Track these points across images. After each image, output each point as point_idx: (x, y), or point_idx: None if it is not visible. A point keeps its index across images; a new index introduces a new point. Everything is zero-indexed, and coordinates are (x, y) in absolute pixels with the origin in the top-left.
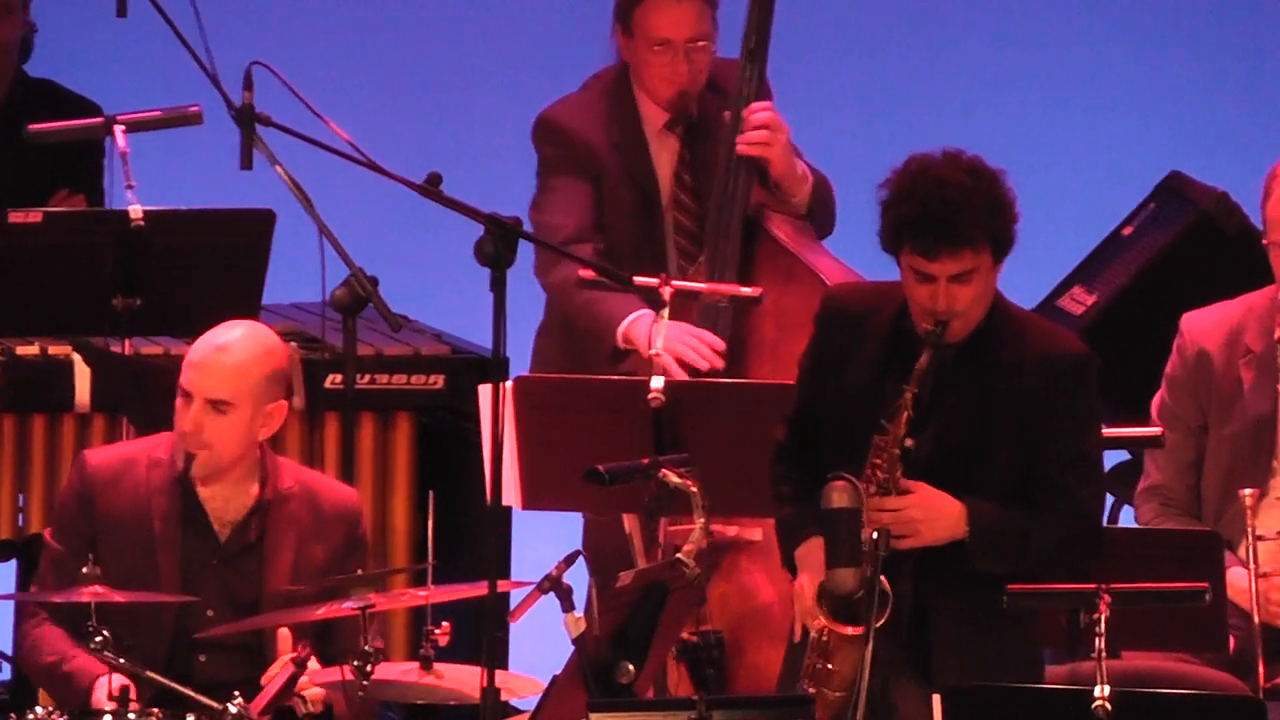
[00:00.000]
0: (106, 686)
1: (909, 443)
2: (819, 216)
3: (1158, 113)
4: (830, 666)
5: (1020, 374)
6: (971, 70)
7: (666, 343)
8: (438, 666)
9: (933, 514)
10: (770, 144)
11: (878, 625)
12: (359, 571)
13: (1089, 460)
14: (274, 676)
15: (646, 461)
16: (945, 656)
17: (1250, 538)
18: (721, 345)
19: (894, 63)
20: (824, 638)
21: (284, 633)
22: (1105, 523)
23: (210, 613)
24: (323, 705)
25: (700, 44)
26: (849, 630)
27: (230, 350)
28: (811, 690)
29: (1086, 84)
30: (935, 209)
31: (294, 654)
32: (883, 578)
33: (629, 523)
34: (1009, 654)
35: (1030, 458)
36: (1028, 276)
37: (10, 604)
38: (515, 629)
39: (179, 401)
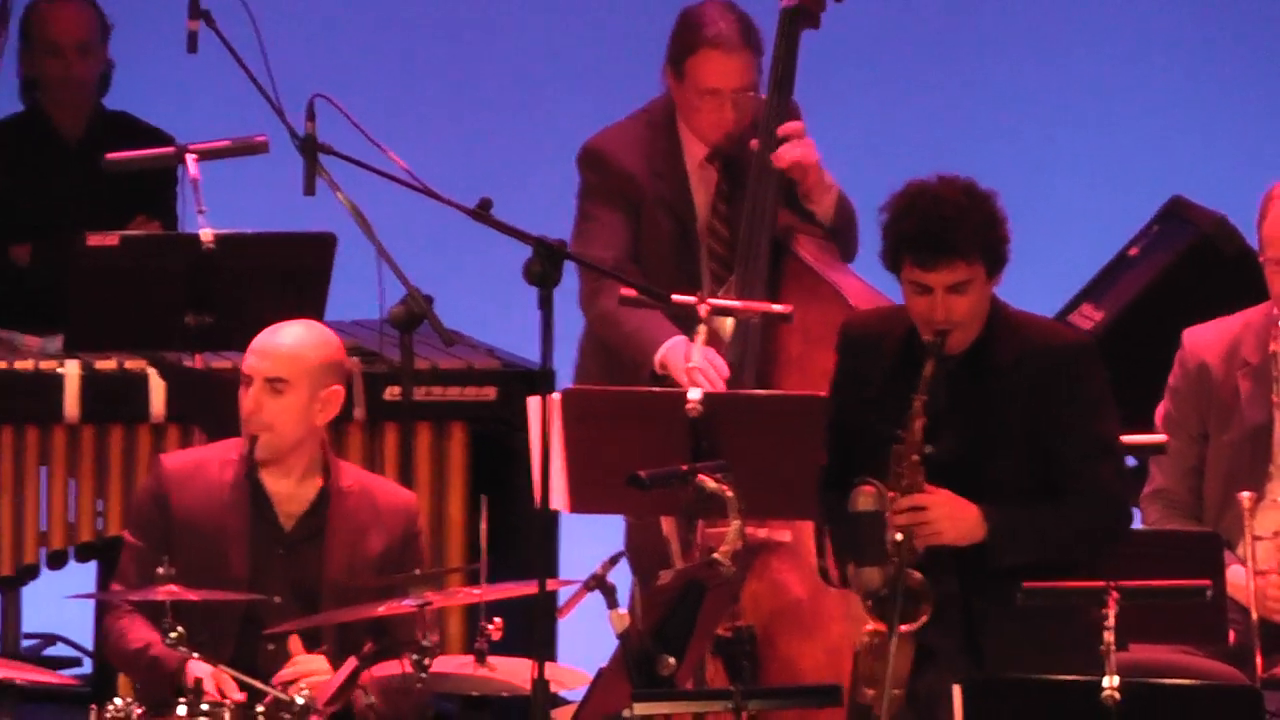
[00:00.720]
0: (198, 670)
1: (928, 449)
2: (843, 231)
3: (1162, 140)
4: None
5: (1023, 370)
6: (988, 101)
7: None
8: (491, 659)
9: (953, 514)
10: (807, 155)
11: (920, 624)
12: (416, 570)
13: (1103, 440)
14: (339, 669)
15: (684, 468)
16: (998, 648)
17: (1249, 538)
18: (726, 374)
19: (909, 91)
20: (875, 639)
21: (295, 640)
22: None
23: (277, 599)
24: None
25: (747, 94)
26: (900, 629)
27: (286, 335)
28: (870, 691)
29: (1094, 113)
30: (930, 224)
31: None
32: (917, 574)
33: (667, 525)
34: (1062, 643)
35: (1047, 449)
36: (1040, 294)
37: (91, 603)
38: (563, 624)
39: (241, 389)
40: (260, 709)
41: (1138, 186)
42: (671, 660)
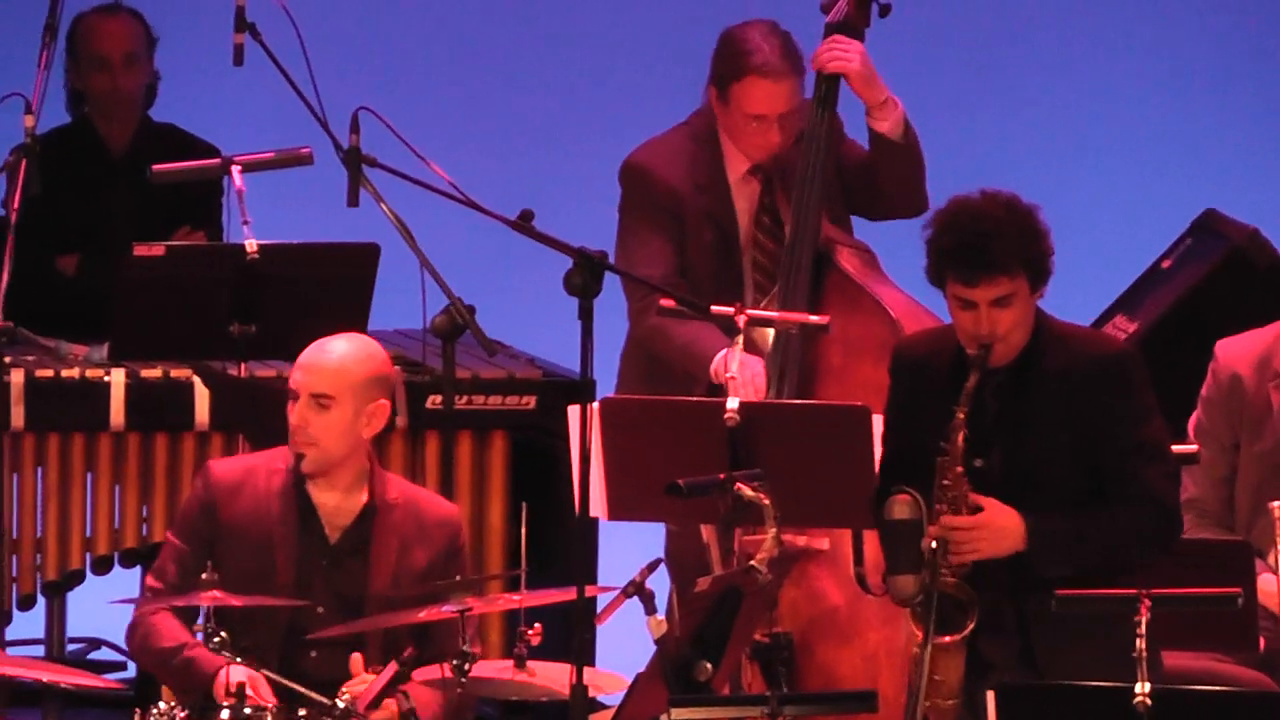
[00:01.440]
0: (227, 677)
1: (978, 462)
2: (912, 147)
3: (1195, 153)
4: (937, 677)
5: (1069, 381)
6: (1022, 114)
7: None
8: (530, 664)
9: (996, 533)
10: (848, 58)
11: (965, 633)
12: (457, 578)
13: (1151, 445)
14: (379, 675)
15: (722, 476)
16: (1051, 656)
17: (1279, 547)
18: (762, 388)
19: (946, 105)
20: (918, 649)
21: (356, 657)
22: None
23: (320, 609)
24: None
25: (792, 116)
26: (946, 640)
27: (332, 351)
28: (926, 703)
29: (1127, 126)
30: (972, 238)
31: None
32: (951, 582)
33: (706, 533)
34: (1115, 648)
35: (1096, 458)
36: (1074, 306)
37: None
38: (602, 630)
39: (289, 404)
40: (302, 713)
41: (1170, 199)
42: (709, 666)
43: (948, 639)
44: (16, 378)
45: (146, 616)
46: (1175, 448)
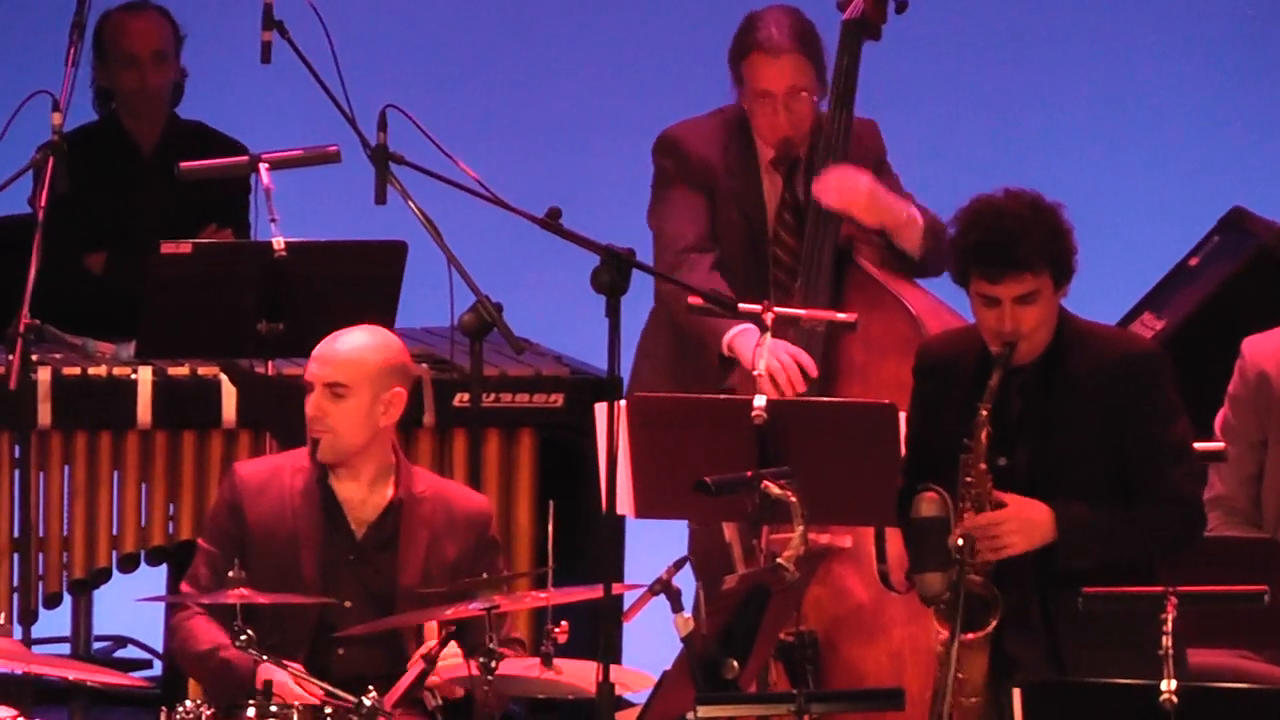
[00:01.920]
0: (271, 673)
1: (1002, 460)
2: (932, 260)
3: (1222, 151)
4: (960, 675)
5: (1095, 380)
6: (1048, 112)
7: (767, 361)
8: (557, 662)
9: (1025, 525)
10: (848, 202)
11: (988, 630)
12: (484, 575)
13: (1176, 445)
14: (405, 673)
15: (750, 474)
16: (1077, 653)
17: None
18: (812, 366)
19: (969, 102)
20: (944, 647)
21: (431, 625)
22: None
23: (348, 604)
24: (458, 695)
25: (800, 94)
26: (970, 637)
27: (346, 342)
28: (949, 701)
29: (1155, 123)
30: (996, 236)
31: (434, 641)
32: (977, 579)
33: (729, 531)
34: (1141, 645)
35: (1121, 457)
36: (1102, 303)
37: (161, 606)
38: (629, 628)
39: (307, 396)
40: (329, 711)
41: (1198, 197)
42: (735, 664)
43: (971, 636)
44: (44, 376)
45: (183, 622)
46: (1203, 446)
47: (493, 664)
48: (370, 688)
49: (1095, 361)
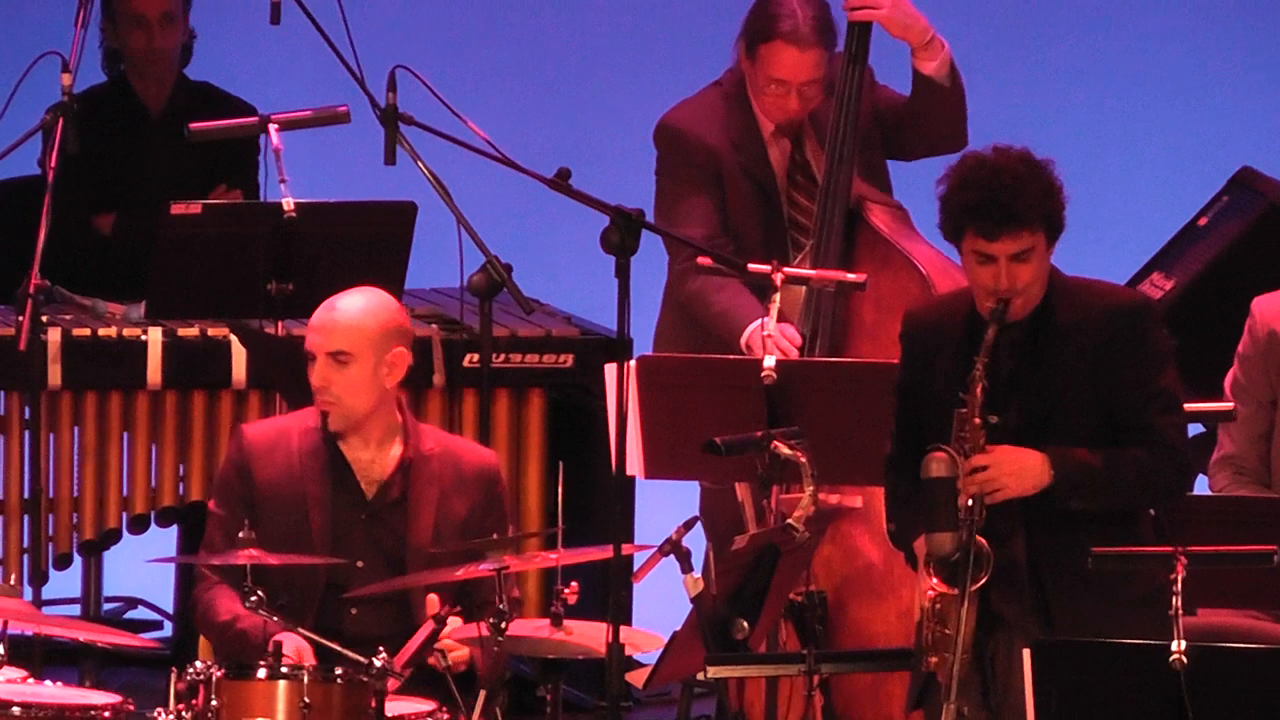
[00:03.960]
0: (285, 642)
1: (994, 418)
2: (958, 88)
3: (1230, 110)
4: (947, 631)
5: (1084, 333)
6: (1058, 74)
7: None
8: (567, 623)
9: (1018, 467)
10: (875, 3)
11: (978, 585)
12: (494, 535)
13: (1165, 395)
14: (416, 633)
15: (759, 434)
16: (1065, 612)
17: None
18: (797, 344)
19: (979, 65)
20: (938, 604)
21: (431, 598)
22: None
23: (360, 564)
24: (465, 665)
25: (814, 85)
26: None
27: (343, 309)
28: (934, 659)
29: (1163, 84)
30: (995, 194)
31: (436, 612)
32: (981, 539)
33: (741, 491)
34: (1130, 606)
35: (1110, 407)
36: (1111, 263)
37: (171, 567)
38: (638, 588)
39: (309, 366)
40: (339, 672)
41: (1207, 156)
42: (745, 624)
43: (954, 590)
44: (54, 336)
45: (203, 593)
46: (1212, 405)
47: (503, 625)
48: (380, 648)
49: (1084, 314)
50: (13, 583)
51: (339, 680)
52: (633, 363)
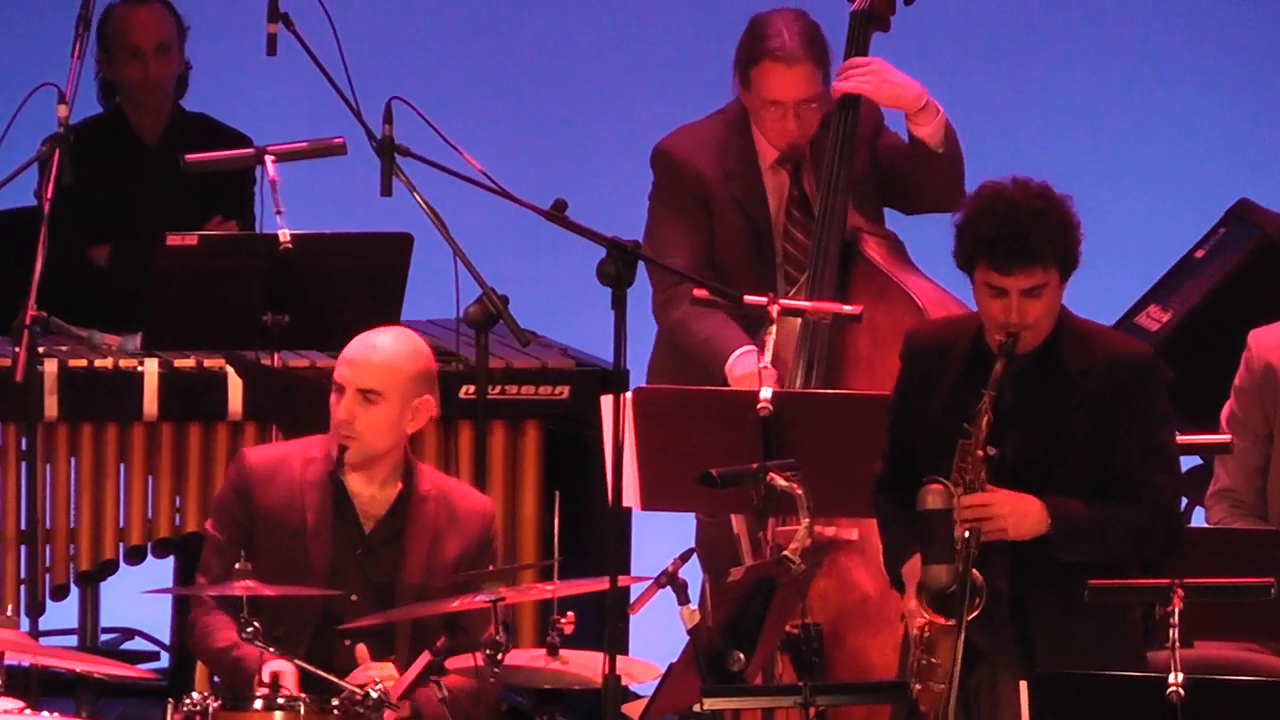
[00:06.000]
0: (277, 665)
1: (992, 451)
2: (953, 155)
3: (1227, 144)
4: (934, 660)
5: (1089, 380)
6: (1054, 103)
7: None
8: (563, 653)
9: (1016, 510)
10: (862, 79)
11: (972, 617)
12: (489, 568)
13: (1162, 453)
14: (412, 665)
15: (755, 466)
16: (1046, 648)
17: None
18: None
19: (976, 92)
20: (926, 633)
21: (361, 648)
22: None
23: (354, 597)
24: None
25: (811, 105)
26: (945, 623)
27: (380, 347)
28: (918, 686)
29: (1160, 115)
30: (1010, 228)
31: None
32: (976, 572)
33: (737, 523)
34: (1108, 642)
35: (1106, 457)
36: (1108, 295)
37: (168, 598)
38: (635, 620)
39: (333, 396)
40: (335, 703)
41: (1204, 188)
42: (741, 656)
43: (946, 622)
44: (50, 367)
45: (200, 617)
46: (1208, 438)
47: (499, 656)
48: (377, 680)
49: (1090, 360)
50: (9, 613)
51: (335, 711)
52: (629, 394)
